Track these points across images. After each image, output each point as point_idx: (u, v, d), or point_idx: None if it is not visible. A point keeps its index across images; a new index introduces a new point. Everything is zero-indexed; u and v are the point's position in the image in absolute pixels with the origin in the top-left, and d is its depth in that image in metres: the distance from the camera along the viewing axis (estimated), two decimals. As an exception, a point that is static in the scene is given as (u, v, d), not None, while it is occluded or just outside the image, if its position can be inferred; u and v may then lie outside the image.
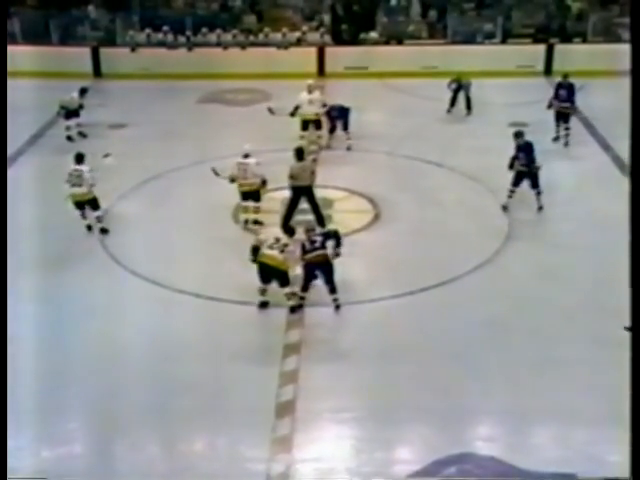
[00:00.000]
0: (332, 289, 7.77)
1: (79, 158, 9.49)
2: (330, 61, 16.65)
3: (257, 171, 9.60)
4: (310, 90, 12.21)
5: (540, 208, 9.94)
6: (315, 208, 9.54)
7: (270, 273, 7.66)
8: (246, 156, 9.68)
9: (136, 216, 10.11)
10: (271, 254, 7.61)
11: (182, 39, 17.11)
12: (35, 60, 14.83)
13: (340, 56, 16.67)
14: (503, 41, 17.34)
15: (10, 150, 11.31)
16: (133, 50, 16.97)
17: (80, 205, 9.44)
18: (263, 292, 7.80)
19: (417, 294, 8.17)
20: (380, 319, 7.77)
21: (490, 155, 12.05)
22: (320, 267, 7.71)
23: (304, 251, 7.68)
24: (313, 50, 16.77)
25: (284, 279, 7.69)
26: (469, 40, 17.31)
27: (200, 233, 9.56)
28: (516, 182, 9.96)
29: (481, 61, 15.78)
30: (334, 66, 16.57)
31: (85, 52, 16.75)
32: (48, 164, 10.55)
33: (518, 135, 10.03)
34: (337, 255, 7.83)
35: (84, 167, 9.38)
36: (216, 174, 9.67)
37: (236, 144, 10.20)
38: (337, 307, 7.81)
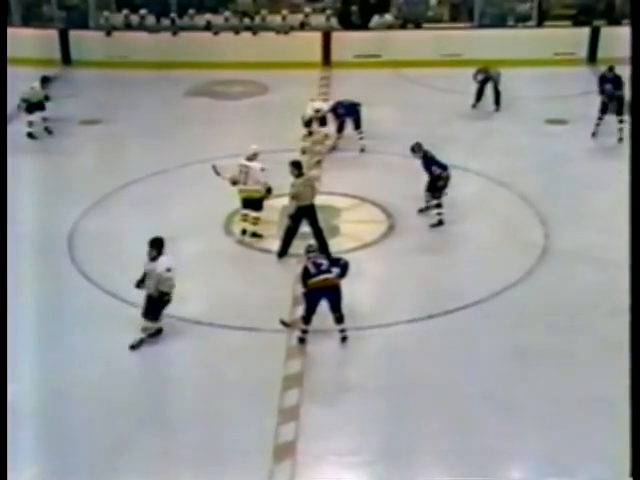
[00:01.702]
0: (339, 318, 7.89)
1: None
2: (337, 48, 16.89)
3: (260, 178, 9.69)
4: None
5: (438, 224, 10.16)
6: (318, 233, 9.44)
7: None
8: (251, 158, 9.78)
9: (112, 227, 10.24)
10: None
11: (166, 22, 17.37)
12: (-7, 44, 15.06)
13: (349, 42, 16.92)
14: (539, 24, 17.56)
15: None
16: (108, 34, 17.24)
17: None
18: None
19: (437, 318, 8.30)
20: (393, 347, 7.90)
21: (523, 157, 12.27)
22: (326, 293, 7.80)
23: (307, 275, 7.77)
24: (318, 35, 17.00)
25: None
26: (499, 23, 17.56)
27: (187, 247, 9.70)
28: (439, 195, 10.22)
29: (513, 48, 15.98)
30: (342, 54, 16.80)
31: (52, 35, 16.99)
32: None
33: (416, 149, 10.22)
34: None
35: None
36: (217, 173, 9.81)
37: (228, 144, 10.40)
38: (344, 339, 7.93)
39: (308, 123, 12.53)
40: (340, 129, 12.63)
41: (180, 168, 12.01)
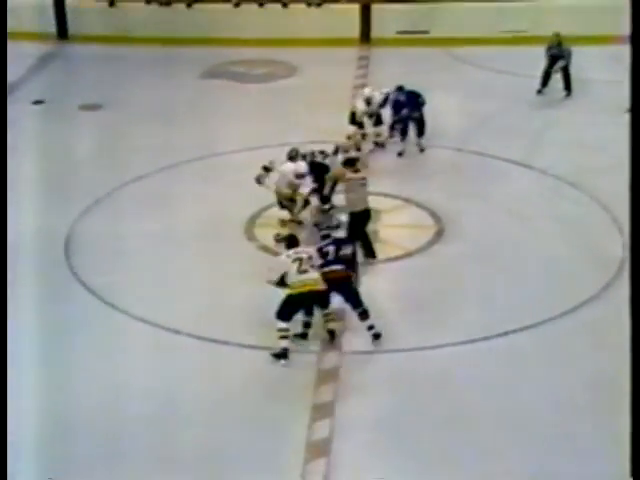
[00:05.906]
0: (362, 313, 8.10)
1: None
2: (378, 23, 17.01)
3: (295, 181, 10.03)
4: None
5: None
6: (364, 237, 9.72)
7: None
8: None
9: (116, 230, 10.38)
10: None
11: (179, -9, 17.63)
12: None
13: (392, 16, 17.03)
14: (624, -9, 17.41)
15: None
16: (112, 4, 17.52)
17: None
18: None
19: (493, 340, 8.32)
20: (441, 374, 7.92)
21: (598, 153, 12.20)
22: (337, 287, 8.11)
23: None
24: (355, 8, 17.13)
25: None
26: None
27: (201, 254, 9.86)
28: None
29: (591, 21, 15.84)
30: (383, 29, 16.94)
31: (46, 4, 17.18)
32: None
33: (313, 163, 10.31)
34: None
35: None
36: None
37: (249, 134, 10.44)
38: (376, 336, 8.11)
39: (354, 119, 12.10)
40: (402, 129, 12.14)
41: (193, 162, 12.17)
